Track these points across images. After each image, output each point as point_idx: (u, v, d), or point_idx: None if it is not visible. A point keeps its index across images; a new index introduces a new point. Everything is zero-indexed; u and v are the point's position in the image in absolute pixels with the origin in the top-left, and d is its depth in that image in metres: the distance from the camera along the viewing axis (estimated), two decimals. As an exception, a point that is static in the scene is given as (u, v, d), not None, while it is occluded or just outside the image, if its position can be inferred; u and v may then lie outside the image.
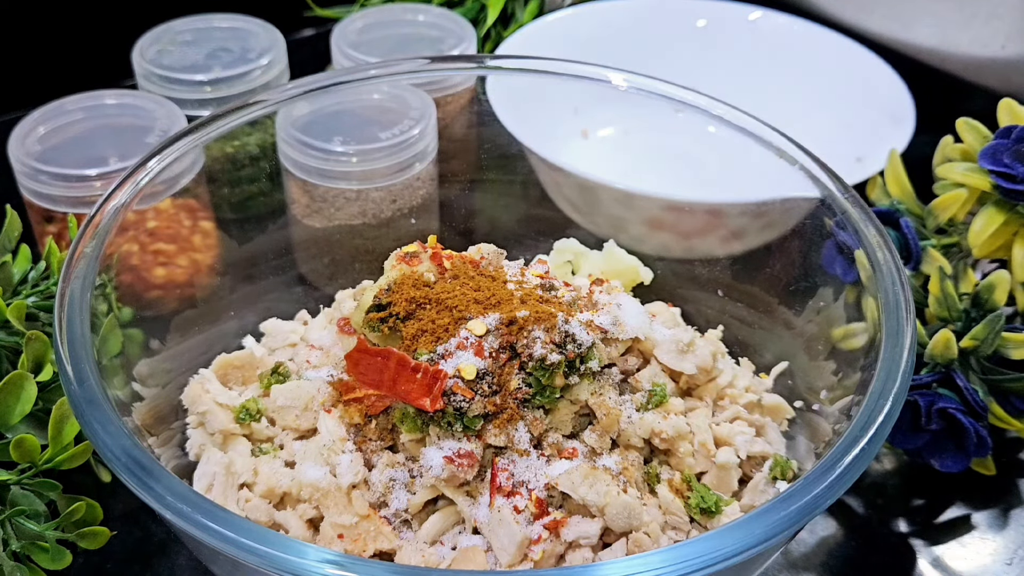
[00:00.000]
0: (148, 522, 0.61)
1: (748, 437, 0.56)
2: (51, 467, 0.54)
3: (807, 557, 0.62)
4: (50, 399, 0.56)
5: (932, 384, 0.63)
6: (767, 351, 0.64)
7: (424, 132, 0.70)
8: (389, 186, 0.70)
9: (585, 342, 0.52)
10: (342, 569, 0.40)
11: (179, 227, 0.67)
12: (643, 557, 0.41)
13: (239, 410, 0.57)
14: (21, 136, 0.69)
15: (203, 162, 0.67)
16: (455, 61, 0.77)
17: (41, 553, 0.53)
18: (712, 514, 0.53)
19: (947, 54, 1.08)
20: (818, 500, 0.43)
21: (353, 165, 0.69)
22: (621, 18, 0.98)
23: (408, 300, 0.53)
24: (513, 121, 0.74)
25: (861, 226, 0.56)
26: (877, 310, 0.53)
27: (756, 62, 0.96)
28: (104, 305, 0.53)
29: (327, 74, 0.68)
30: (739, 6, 0.99)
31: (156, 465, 0.44)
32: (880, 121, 0.84)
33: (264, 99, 0.64)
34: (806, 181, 0.60)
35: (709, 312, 0.68)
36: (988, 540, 0.63)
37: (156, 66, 0.77)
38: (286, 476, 0.53)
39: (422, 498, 0.52)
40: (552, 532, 0.50)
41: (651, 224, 0.72)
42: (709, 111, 0.65)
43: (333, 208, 0.70)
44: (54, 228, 0.69)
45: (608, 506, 0.50)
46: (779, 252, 0.65)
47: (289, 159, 0.70)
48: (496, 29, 0.98)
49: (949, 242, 0.68)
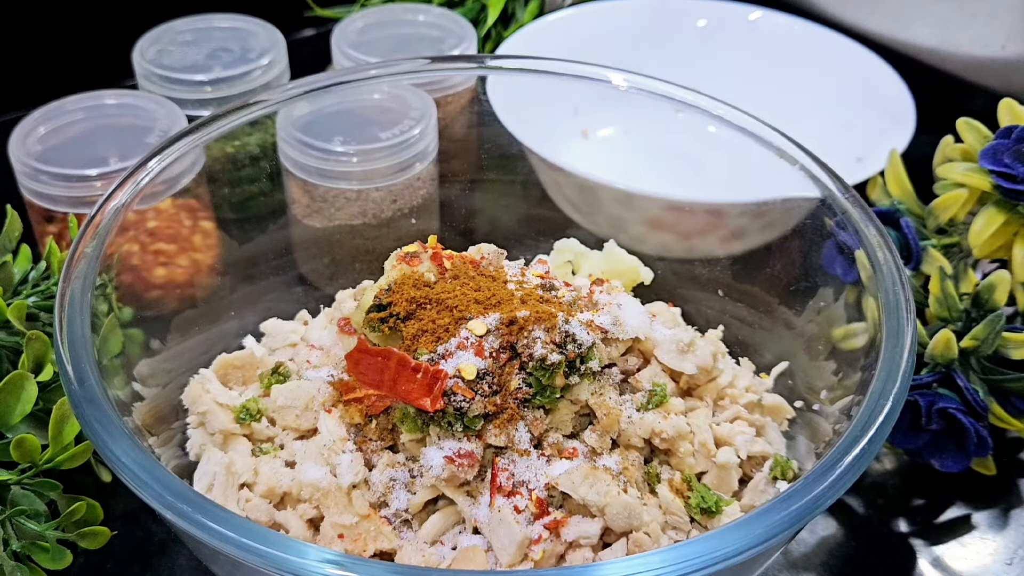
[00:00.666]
0: (148, 522, 0.61)
1: (748, 437, 0.56)
2: (51, 467, 0.54)
3: (807, 557, 0.62)
4: (50, 399, 0.56)
5: (932, 384, 0.63)
6: (767, 351, 0.64)
7: (424, 132, 0.70)
8: (389, 186, 0.70)
9: (585, 342, 0.52)
10: (342, 569, 0.40)
11: (179, 227, 0.67)
12: (643, 557, 0.41)
13: (239, 410, 0.57)
14: (21, 136, 0.69)
15: (203, 162, 0.67)
16: (455, 61, 0.77)
17: (41, 553, 0.53)
18: (712, 514, 0.53)
19: (947, 54, 1.08)
20: (818, 500, 0.43)
21: (353, 165, 0.69)
22: (621, 18, 0.98)
23: (408, 300, 0.53)
24: (513, 121, 0.74)
25: (861, 226, 0.56)
26: (877, 310, 0.53)
27: (756, 62, 0.96)
28: (104, 305, 0.53)
29: (327, 74, 0.68)
30: (739, 6, 0.99)
31: (156, 465, 0.44)
32: (880, 121, 0.84)
33: (264, 99, 0.64)
34: (806, 181, 0.60)
35: (709, 312, 0.68)
36: (988, 540, 0.63)
37: (156, 66, 0.77)
38: (286, 476, 0.53)
39: (422, 498, 0.51)
40: (552, 532, 0.50)
41: (651, 224, 0.72)
42: (709, 111, 0.65)
43: (333, 208, 0.71)
44: (54, 228, 0.69)
45: (608, 506, 0.50)
46: (779, 252, 0.65)
47: (289, 159, 0.70)
48: (496, 29, 0.98)
49: (949, 242, 0.68)
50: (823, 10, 1.15)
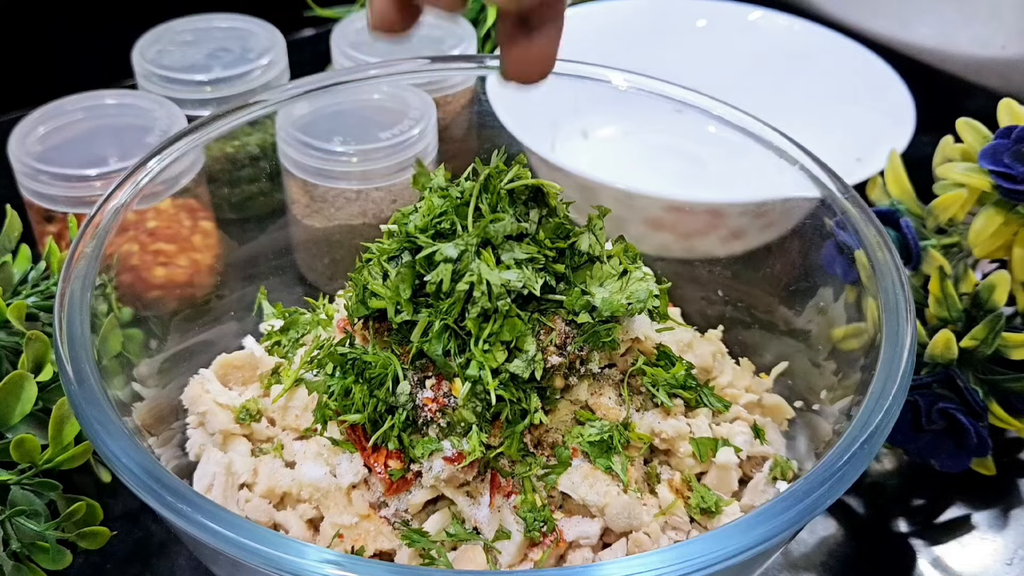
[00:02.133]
0: (148, 522, 0.61)
1: (748, 437, 0.56)
2: (51, 467, 0.54)
3: (807, 557, 0.62)
4: (50, 399, 0.56)
5: (932, 384, 0.63)
6: (767, 351, 0.64)
7: (424, 132, 0.70)
8: (389, 186, 0.70)
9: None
10: (342, 569, 0.40)
11: (179, 227, 0.67)
12: (643, 557, 0.41)
13: (239, 410, 0.57)
14: (21, 136, 0.69)
15: (203, 162, 0.67)
16: (455, 61, 0.77)
17: (41, 553, 0.53)
18: (712, 514, 0.53)
19: (947, 54, 1.08)
20: (818, 500, 0.43)
21: (353, 165, 0.69)
22: (621, 18, 0.98)
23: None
24: (513, 121, 0.74)
25: (861, 226, 0.56)
26: (877, 310, 0.53)
27: (756, 62, 0.96)
28: (104, 305, 0.53)
29: (327, 74, 0.68)
30: (739, 6, 0.99)
31: (156, 465, 0.44)
32: (880, 121, 0.84)
33: (264, 99, 0.64)
34: (806, 181, 0.60)
35: (709, 312, 0.68)
36: (988, 540, 0.63)
37: (156, 66, 0.77)
38: (286, 476, 0.53)
39: (422, 498, 0.51)
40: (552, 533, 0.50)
41: (651, 224, 0.72)
42: (709, 111, 0.65)
43: (333, 208, 0.71)
44: (54, 228, 0.69)
45: (608, 506, 0.50)
46: (779, 252, 0.65)
47: (289, 159, 0.70)
48: (496, 29, 0.98)
49: (949, 242, 0.68)
50: (823, 10, 1.15)
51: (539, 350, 0.49)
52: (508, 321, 0.48)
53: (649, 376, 0.54)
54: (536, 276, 0.49)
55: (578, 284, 0.51)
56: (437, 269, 0.48)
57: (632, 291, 0.51)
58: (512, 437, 0.50)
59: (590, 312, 0.50)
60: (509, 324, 0.48)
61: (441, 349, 0.49)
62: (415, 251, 0.50)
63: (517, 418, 0.50)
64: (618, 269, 0.52)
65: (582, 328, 0.51)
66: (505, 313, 0.48)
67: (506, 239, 0.49)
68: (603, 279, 0.51)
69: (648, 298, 0.51)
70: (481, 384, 0.48)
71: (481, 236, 0.49)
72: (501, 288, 0.48)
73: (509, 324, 0.48)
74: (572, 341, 0.51)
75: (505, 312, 0.48)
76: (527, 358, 0.48)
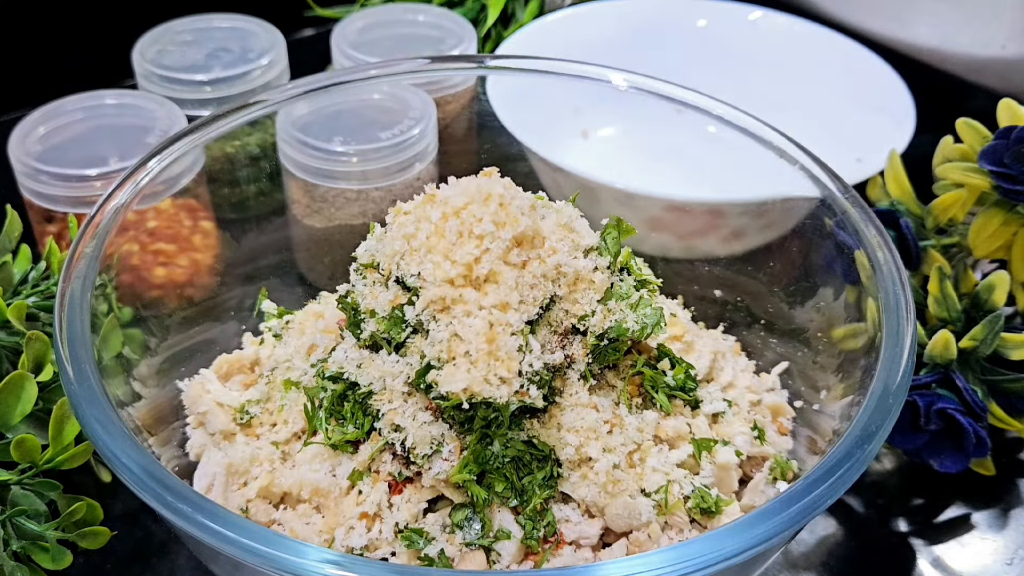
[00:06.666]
0: (148, 522, 0.62)
1: (748, 437, 0.56)
2: (51, 467, 0.54)
3: (807, 557, 0.62)
4: (50, 399, 0.56)
5: (932, 384, 0.63)
6: (767, 351, 0.64)
7: (424, 132, 0.70)
8: (389, 186, 0.70)
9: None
10: (342, 569, 0.40)
11: (179, 227, 0.67)
12: (643, 557, 0.41)
13: (239, 410, 0.57)
14: (21, 136, 0.69)
15: (203, 162, 0.67)
16: (455, 61, 0.77)
17: (41, 553, 0.53)
18: (712, 514, 0.53)
19: (947, 54, 1.08)
20: (818, 500, 0.43)
21: (353, 165, 0.69)
22: (621, 18, 0.98)
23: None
24: (513, 121, 0.74)
25: (861, 226, 0.56)
26: (877, 310, 0.53)
27: (756, 62, 0.96)
28: (104, 305, 0.53)
29: (327, 74, 0.68)
30: (739, 6, 0.99)
31: (156, 465, 0.44)
32: (880, 121, 0.84)
33: (264, 99, 0.64)
34: (806, 181, 0.60)
35: (709, 312, 0.68)
36: (988, 540, 0.63)
37: (156, 66, 0.77)
38: (286, 476, 0.53)
39: (422, 498, 0.51)
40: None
41: (651, 224, 0.72)
42: (709, 111, 0.65)
43: (333, 208, 0.71)
44: (54, 228, 0.69)
45: (608, 506, 0.50)
46: (779, 252, 0.65)
47: (289, 159, 0.70)
48: (496, 29, 0.98)
49: (949, 242, 0.68)
50: (823, 10, 1.15)
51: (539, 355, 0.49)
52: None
53: (649, 377, 0.54)
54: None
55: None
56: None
57: (642, 315, 0.51)
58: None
59: (598, 336, 0.50)
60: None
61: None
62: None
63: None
64: (631, 290, 0.52)
65: (593, 349, 0.51)
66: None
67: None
68: (615, 298, 0.51)
69: (658, 323, 0.51)
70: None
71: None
72: None
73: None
74: (572, 344, 0.51)
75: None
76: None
